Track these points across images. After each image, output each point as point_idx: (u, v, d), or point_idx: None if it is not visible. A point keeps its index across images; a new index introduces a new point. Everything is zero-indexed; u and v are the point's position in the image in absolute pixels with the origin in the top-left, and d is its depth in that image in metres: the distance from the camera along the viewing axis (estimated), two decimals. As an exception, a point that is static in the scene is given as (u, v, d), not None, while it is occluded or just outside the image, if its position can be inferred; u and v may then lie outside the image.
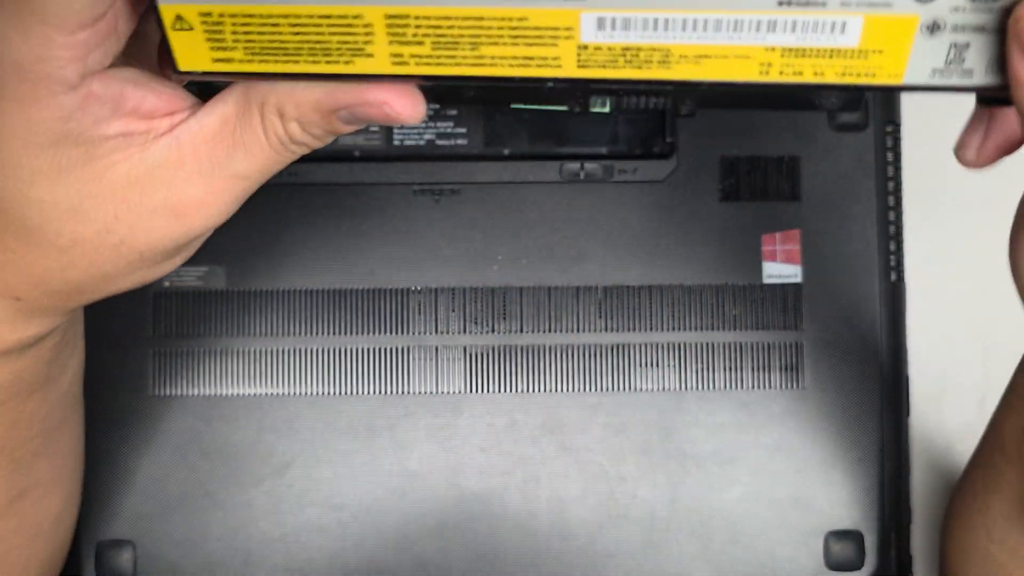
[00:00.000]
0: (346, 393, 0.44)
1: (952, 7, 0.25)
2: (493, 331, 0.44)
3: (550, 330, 0.44)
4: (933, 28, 0.25)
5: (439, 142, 0.44)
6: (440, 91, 0.28)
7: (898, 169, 0.44)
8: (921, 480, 0.45)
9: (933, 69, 0.26)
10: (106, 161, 0.28)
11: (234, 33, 0.27)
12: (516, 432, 0.43)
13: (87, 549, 0.43)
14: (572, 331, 0.44)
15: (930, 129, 0.46)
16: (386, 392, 0.44)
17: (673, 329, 0.44)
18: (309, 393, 0.44)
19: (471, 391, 0.43)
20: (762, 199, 0.44)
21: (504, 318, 0.44)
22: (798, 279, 0.44)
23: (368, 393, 0.43)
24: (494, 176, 0.44)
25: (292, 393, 0.44)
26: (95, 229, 0.29)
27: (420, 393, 0.43)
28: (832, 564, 0.43)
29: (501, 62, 0.27)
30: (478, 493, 0.43)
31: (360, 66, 0.27)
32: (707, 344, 0.44)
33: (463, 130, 0.44)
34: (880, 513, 0.43)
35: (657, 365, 0.44)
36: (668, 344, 0.44)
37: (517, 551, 0.43)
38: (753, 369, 0.43)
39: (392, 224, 0.44)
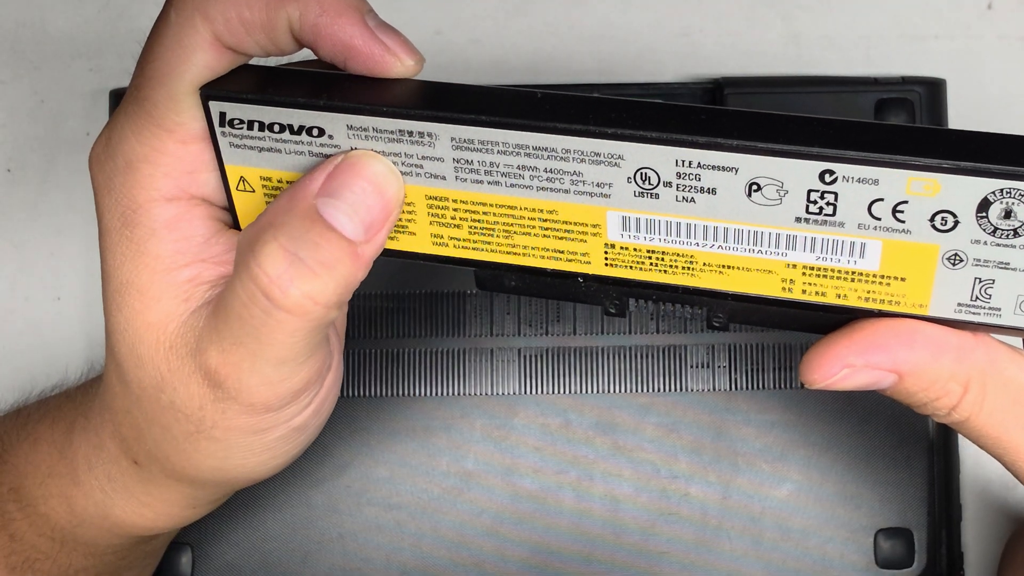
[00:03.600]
0: (403, 395, 0.44)
1: (972, 239, 0.24)
2: (547, 333, 0.44)
3: (602, 332, 0.44)
4: (955, 260, 0.25)
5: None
6: (482, 279, 0.30)
7: (945, 172, 0.44)
8: (971, 477, 0.45)
9: (959, 304, 0.26)
10: (154, 296, 0.30)
11: None
12: (570, 432, 0.44)
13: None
14: (624, 333, 0.44)
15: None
16: (442, 394, 0.44)
17: (723, 330, 0.44)
18: (367, 395, 0.44)
19: (525, 392, 0.44)
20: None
21: (557, 321, 0.44)
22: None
23: (425, 395, 0.44)
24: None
25: (351, 395, 0.44)
26: (151, 382, 0.30)
27: (476, 394, 0.44)
28: (882, 562, 0.43)
29: (534, 252, 0.28)
30: (533, 492, 0.44)
31: (403, 243, 0.29)
32: (757, 344, 0.44)
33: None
34: (930, 510, 0.43)
35: (708, 366, 0.44)
36: (718, 345, 0.44)
37: (571, 549, 0.44)
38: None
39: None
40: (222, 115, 0.28)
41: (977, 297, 0.25)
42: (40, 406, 0.37)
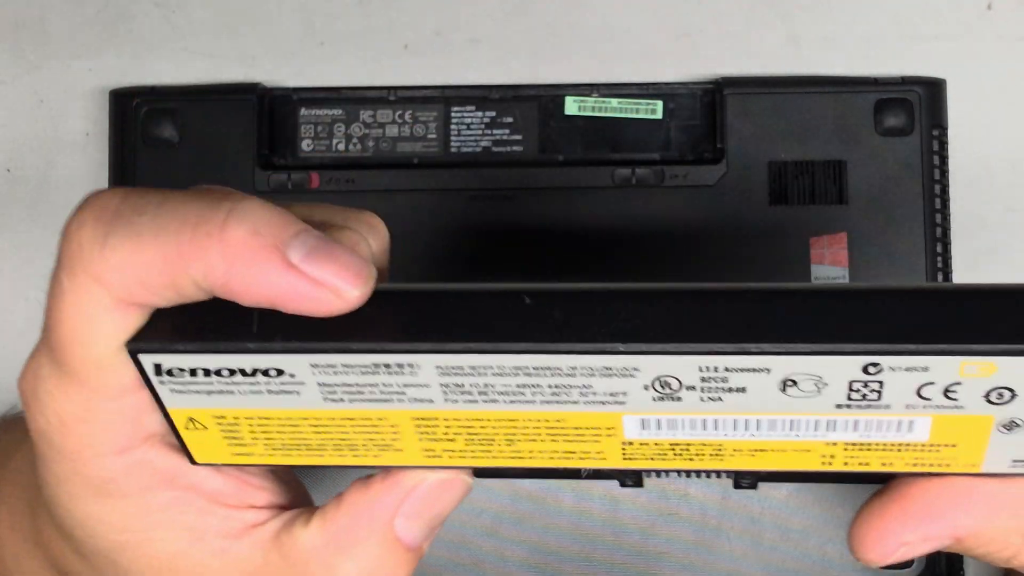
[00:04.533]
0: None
1: None
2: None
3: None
4: (1011, 426, 0.23)
5: (495, 149, 0.45)
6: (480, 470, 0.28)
7: (945, 172, 0.44)
8: (970, 478, 0.45)
9: (1015, 460, 0.24)
10: (145, 535, 0.27)
11: (252, 432, 0.26)
12: (569, 432, 0.44)
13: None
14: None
15: (977, 132, 0.47)
16: (442, 393, 0.44)
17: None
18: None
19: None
20: (810, 203, 0.44)
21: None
22: (846, 281, 0.44)
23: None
24: (548, 182, 0.45)
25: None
26: None
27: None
28: (882, 561, 0.43)
29: (541, 455, 0.25)
30: (532, 492, 0.44)
31: (389, 459, 0.26)
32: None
33: (519, 137, 0.45)
34: (929, 511, 0.43)
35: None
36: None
37: (570, 549, 0.44)
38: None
39: (449, 229, 0.45)
40: (157, 366, 0.24)
41: None
42: None
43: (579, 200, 0.45)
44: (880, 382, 0.22)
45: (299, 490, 0.29)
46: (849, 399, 0.23)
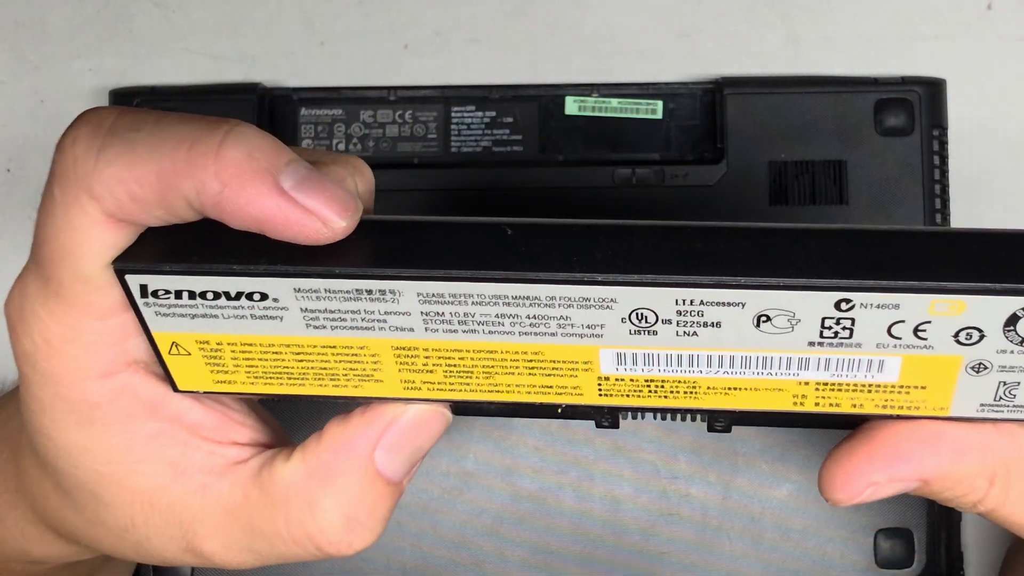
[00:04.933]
0: (403, 395, 0.44)
1: (998, 350, 0.23)
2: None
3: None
4: (979, 368, 0.24)
5: (495, 149, 0.45)
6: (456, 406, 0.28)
7: (944, 173, 0.44)
8: (971, 478, 0.45)
9: (982, 404, 0.25)
10: (128, 467, 0.27)
11: (234, 359, 0.26)
12: (570, 432, 0.44)
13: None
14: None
15: (977, 132, 0.47)
16: (442, 394, 0.44)
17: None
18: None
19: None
20: (810, 203, 0.44)
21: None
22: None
23: (425, 395, 0.44)
24: (548, 182, 0.45)
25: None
26: (114, 522, 0.28)
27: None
28: (882, 562, 0.43)
29: (518, 389, 0.26)
30: (533, 493, 0.44)
31: (369, 390, 0.26)
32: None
33: (519, 137, 0.45)
34: (930, 510, 0.43)
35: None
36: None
37: (571, 550, 0.44)
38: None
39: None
40: (143, 287, 0.24)
41: (1001, 397, 0.25)
42: None
43: (579, 200, 0.45)
44: (852, 319, 0.23)
45: (280, 432, 0.29)
46: (821, 336, 0.23)
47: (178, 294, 0.24)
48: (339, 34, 0.49)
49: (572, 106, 0.45)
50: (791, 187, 0.44)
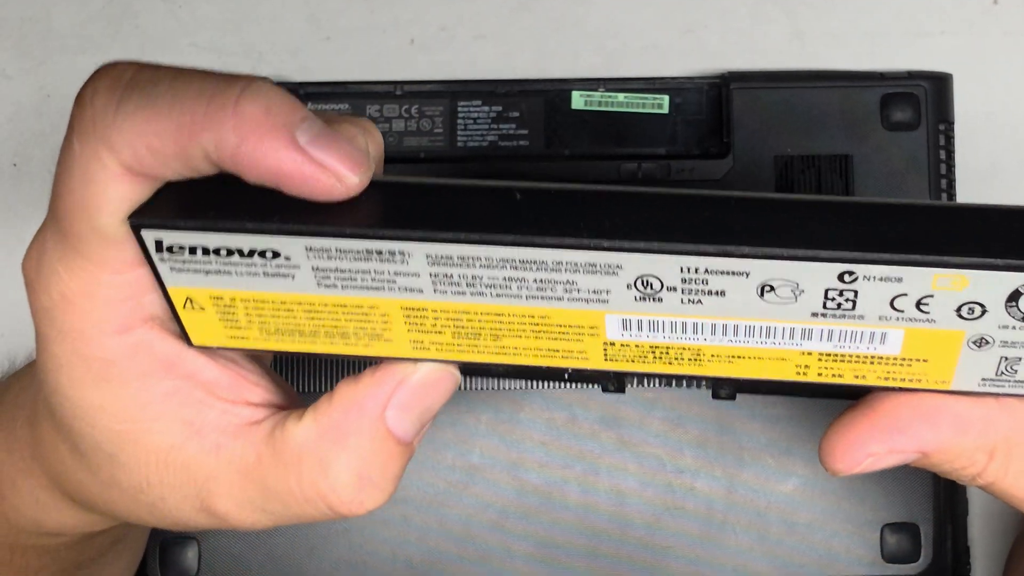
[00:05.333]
0: (409, 389, 0.44)
1: (1000, 325, 0.23)
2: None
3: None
4: (981, 343, 0.24)
5: (501, 143, 0.45)
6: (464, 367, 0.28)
7: (951, 167, 0.44)
8: (977, 472, 0.45)
9: (983, 378, 0.25)
10: (144, 425, 0.27)
11: (247, 315, 0.26)
12: (575, 426, 0.44)
13: (151, 548, 0.44)
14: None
15: (983, 127, 0.47)
16: (448, 388, 0.44)
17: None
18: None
19: (531, 387, 0.44)
20: (816, 197, 0.44)
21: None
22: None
23: (431, 389, 0.44)
24: (554, 176, 0.45)
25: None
26: (129, 482, 0.28)
27: (481, 389, 0.44)
28: (888, 556, 0.43)
29: (525, 352, 0.26)
30: (538, 487, 0.44)
31: (378, 349, 0.27)
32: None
33: (525, 132, 0.45)
34: (936, 505, 0.43)
35: (713, 360, 0.44)
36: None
37: (576, 543, 0.44)
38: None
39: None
40: (158, 243, 0.24)
41: (1003, 372, 0.25)
42: None
43: (585, 194, 0.45)
44: (855, 291, 0.23)
45: (292, 394, 0.30)
46: (824, 307, 0.23)
47: (192, 250, 0.24)
48: (345, 29, 0.49)
49: (578, 100, 0.45)
50: (797, 181, 0.44)
